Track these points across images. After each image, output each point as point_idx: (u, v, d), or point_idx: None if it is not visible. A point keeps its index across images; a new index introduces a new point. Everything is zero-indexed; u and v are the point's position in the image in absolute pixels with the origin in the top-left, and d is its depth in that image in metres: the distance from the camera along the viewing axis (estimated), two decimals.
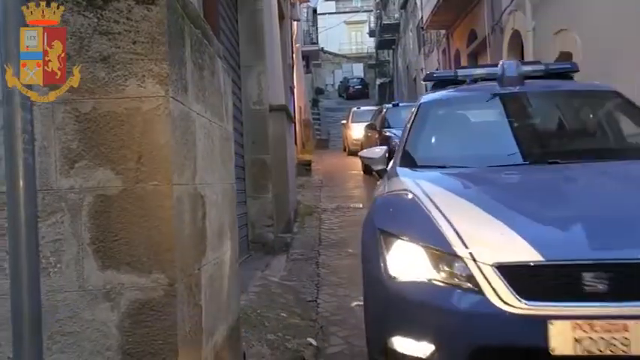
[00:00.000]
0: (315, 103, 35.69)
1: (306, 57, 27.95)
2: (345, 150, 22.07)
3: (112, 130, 1.77)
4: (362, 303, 4.63)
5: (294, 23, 15.85)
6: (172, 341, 1.76)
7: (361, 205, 9.91)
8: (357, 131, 19.73)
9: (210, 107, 2.41)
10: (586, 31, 9.31)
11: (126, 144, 1.78)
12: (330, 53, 48.20)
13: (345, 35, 51.53)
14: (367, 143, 14.11)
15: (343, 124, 23.56)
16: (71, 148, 1.76)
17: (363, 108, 24.43)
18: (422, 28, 22.72)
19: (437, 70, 22.08)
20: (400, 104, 15.18)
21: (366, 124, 17.67)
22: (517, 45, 12.71)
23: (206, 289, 2.18)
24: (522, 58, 12.37)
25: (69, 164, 1.76)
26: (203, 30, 2.39)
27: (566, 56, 9.93)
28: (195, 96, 2.14)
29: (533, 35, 11.40)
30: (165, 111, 1.79)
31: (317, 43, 33.63)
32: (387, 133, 12.32)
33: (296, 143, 14.43)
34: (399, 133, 11.08)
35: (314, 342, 3.72)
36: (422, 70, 25.95)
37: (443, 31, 20.33)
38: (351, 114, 22.70)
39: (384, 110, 14.56)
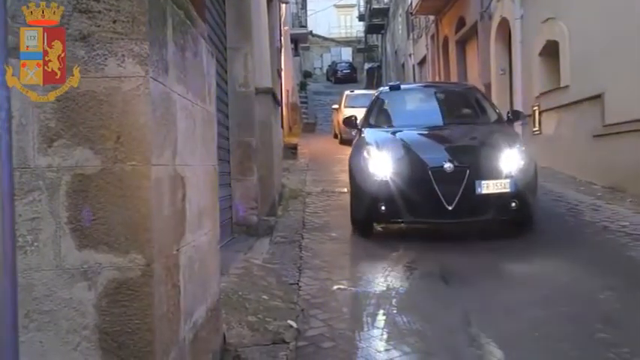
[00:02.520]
0: (303, 86, 35.61)
1: (295, 40, 27.77)
2: (335, 137, 19.64)
3: (91, 109, 1.76)
4: (343, 287, 4.70)
5: (283, 6, 15.75)
6: (149, 321, 1.77)
7: (346, 190, 9.91)
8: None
9: (192, 88, 2.40)
10: (573, 20, 9.34)
11: (105, 124, 1.77)
12: (319, 37, 47.97)
13: (335, 19, 51.29)
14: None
15: (335, 109, 20.96)
16: (49, 126, 1.75)
17: (357, 91, 21.82)
18: (411, 13, 22.68)
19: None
20: (402, 86, 9.42)
21: (362, 109, 11.45)
22: (505, 33, 12.74)
23: (185, 270, 2.19)
24: (510, 46, 12.41)
25: (47, 143, 1.75)
26: (186, 10, 2.37)
27: (553, 44, 9.99)
28: (176, 77, 2.13)
29: (521, 23, 11.42)
30: (145, 91, 1.78)
31: (306, 27, 33.44)
32: (364, 134, 7.14)
33: (283, 126, 14.41)
34: (383, 139, 6.69)
35: (294, 324, 3.74)
36: (410, 55, 25.94)
37: (432, 17, 20.33)
38: (344, 98, 20.13)
39: (377, 95, 8.66)
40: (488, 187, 5.86)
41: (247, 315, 3.72)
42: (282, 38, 15.32)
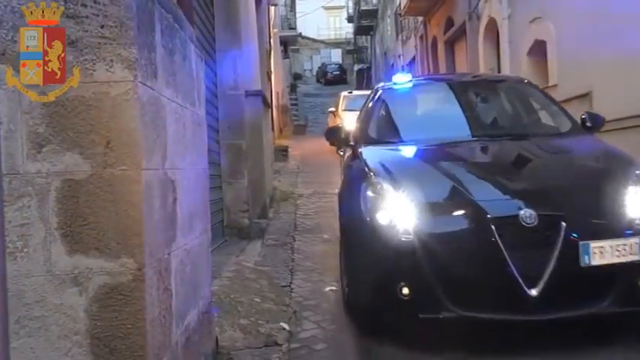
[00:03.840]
0: (293, 88, 35.58)
1: (284, 42, 27.82)
2: (332, 144, 17.05)
3: (80, 114, 1.76)
4: (335, 288, 4.70)
5: (272, 8, 15.74)
6: (141, 325, 1.77)
7: (337, 191, 9.91)
8: (349, 123, 14.11)
9: (181, 92, 2.40)
10: (560, 19, 9.41)
11: (94, 129, 1.77)
12: (309, 39, 48.03)
13: (324, 20, 51.31)
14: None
15: (332, 112, 18.45)
16: (38, 132, 1.75)
17: (356, 92, 19.38)
18: (399, 14, 22.73)
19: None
20: (414, 79, 6.15)
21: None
22: (493, 33, 12.81)
23: (176, 274, 2.19)
24: (498, 46, 12.48)
25: (36, 148, 1.75)
26: (174, 14, 2.37)
27: (540, 44, 10.05)
28: (165, 81, 2.13)
29: (508, 23, 11.49)
30: (134, 96, 1.79)
31: (295, 29, 33.51)
32: (363, 156, 4.32)
33: (273, 129, 14.40)
34: (399, 164, 4.08)
35: (287, 326, 3.74)
36: (399, 56, 26.02)
37: (420, 18, 20.39)
38: (340, 100, 17.73)
39: (377, 95, 5.66)
40: (603, 252, 3.12)
41: (240, 318, 3.72)
42: (272, 40, 15.30)
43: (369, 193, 3.64)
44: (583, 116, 4.78)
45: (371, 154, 4.27)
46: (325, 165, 13.60)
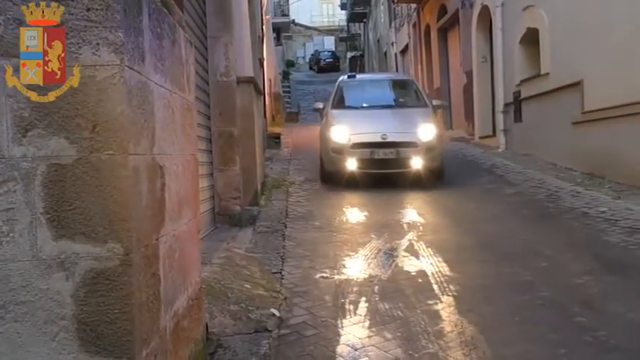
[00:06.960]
0: (285, 75, 35.46)
1: (277, 29, 27.68)
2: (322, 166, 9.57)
3: (66, 98, 1.74)
4: (327, 275, 4.71)
5: None
6: (128, 310, 1.77)
7: None
8: (341, 134, 9.03)
9: (170, 77, 2.38)
10: (552, 7, 9.40)
11: (80, 113, 1.75)
12: (302, 25, 47.83)
13: (317, 7, 51.14)
14: None
15: (318, 109, 10.99)
16: (23, 116, 1.73)
17: (361, 76, 13.99)
18: (393, 1, 22.64)
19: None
20: None
21: (371, 112, 9.42)
22: (486, 20, 12.79)
23: (165, 260, 2.19)
24: (491, 33, 12.46)
25: (21, 132, 1.73)
26: None
27: (533, 32, 10.04)
28: (153, 65, 2.11)
29: (501, 11, 11.47)
30: (121, 80, 1.77)
31: (288, 15, 33.33)
32: None
33: (265, 116, 14.35)
34: None
35: (277, 312, 3.75)
36: (392, 44, 25.93)
37: (414, 5, 20.32)
38: (335, 89, 10.69)
39: None
40: None
41: (230, 304, 3.72)
42: (264, 27, 15.20)
43: None
44: None
45: None
46: (317, 153, 13.57)
